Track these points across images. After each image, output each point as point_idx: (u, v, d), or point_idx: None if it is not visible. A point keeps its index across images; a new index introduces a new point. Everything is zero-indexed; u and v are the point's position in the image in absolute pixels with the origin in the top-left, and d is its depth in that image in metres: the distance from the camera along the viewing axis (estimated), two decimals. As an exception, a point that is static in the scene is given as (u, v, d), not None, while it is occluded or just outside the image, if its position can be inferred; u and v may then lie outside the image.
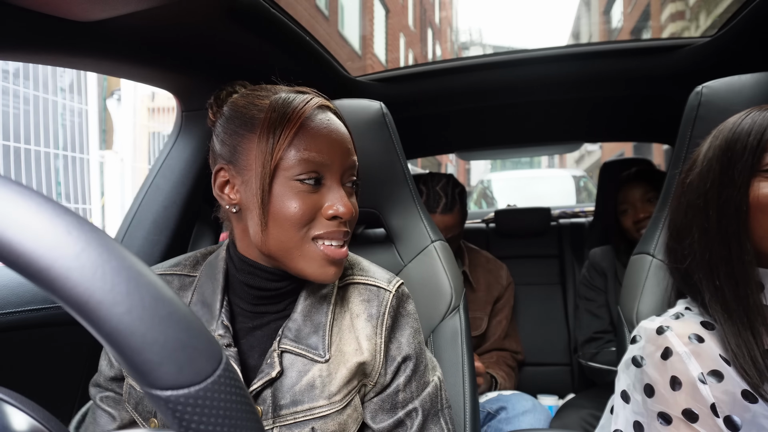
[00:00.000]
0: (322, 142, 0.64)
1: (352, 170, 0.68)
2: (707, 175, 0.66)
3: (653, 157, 9.37)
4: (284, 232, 0.63)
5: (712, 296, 0.63)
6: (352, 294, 0.73)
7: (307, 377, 0.66)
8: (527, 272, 2.07)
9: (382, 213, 1.04)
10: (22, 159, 3.10)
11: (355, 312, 0.72)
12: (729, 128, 0.66)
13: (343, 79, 1.37)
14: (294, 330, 0.68)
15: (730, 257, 0.62)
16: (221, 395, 0.26)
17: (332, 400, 0.66)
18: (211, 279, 0.72)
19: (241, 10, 0.89)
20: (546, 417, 1.40)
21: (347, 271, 0.76)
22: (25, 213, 0.23)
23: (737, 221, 0.62)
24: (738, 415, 0.54)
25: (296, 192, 0.62)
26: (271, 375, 0.65)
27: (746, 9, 1.04)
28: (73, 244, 0.24)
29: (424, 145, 2.22)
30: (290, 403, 0.65)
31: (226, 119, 0.68)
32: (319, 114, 0.66)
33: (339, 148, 0.65)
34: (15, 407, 0.31)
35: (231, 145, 0.66)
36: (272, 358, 0.66)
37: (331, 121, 0.67)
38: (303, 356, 0.67)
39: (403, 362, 0.71)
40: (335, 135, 0.66)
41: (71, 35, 0.79)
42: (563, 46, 1.43)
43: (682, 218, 0.69)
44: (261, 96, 0.67)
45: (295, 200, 0.62)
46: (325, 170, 0.64)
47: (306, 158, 0.62)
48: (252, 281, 0.68)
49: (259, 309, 0.70)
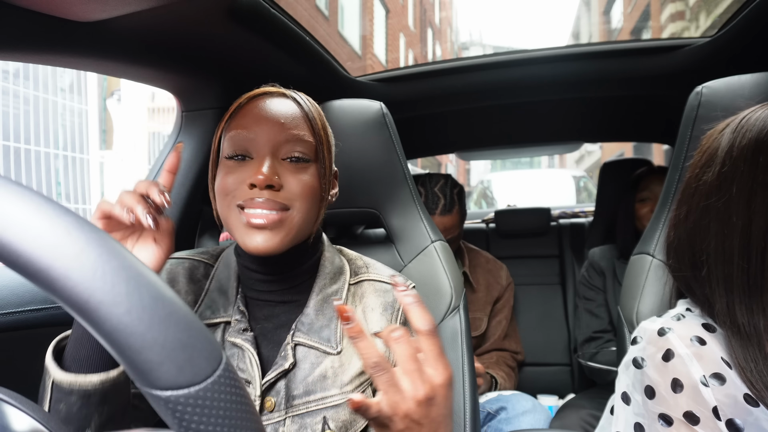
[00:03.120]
0: (249, 120, 0.68)
1: (292, 145, 0.68)
2: (731, 177, 0.59)
3: (653, 157, 9.36)
4: (219, 205, 0.69)
5: (722, 307, 0.60)
6: (367, 290, 0.76)
7: (320, 368, 0.68)
8: (527, 272, 2.07)
9: (382, 213, 1.04)
10: (22, 159, 3.10)
11: (369, 305, 0.74)
12: (758, 127, 0.59)
13: (343, 79, 1.37)
14: (307, 324, 0.71)
15: (749, 269, 0.57)
16: (221, 395, 0.26)
17: (344, 390, 0.68)
18: (226, 267, 0.76)
19: (241, 10, 0.89)
20: (546, 417, 1.40)
21: (361, 269, 0.79)
22: (25, 213, 0.23)
23: (765, 233, 0.56)
24: (740, 418, 0.54)
25: (225, 167, 0.68)
26: (284, 366, 0.67)
27: (746, 9, 1.04)
28: (73, 244, 0.24)
29: (424, 145, 2.22)
30: (303, 393, 0.67)
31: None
32: (257, 100, 0.70)
33: (268, 123, 0.67)
34: (15, 407, 0.31)
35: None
36: (286, 351, 0.68)
37: (267, 103, 0.69)
38: (316, 348, 0.70)
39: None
40: (265, 113, 0.68)
41: (71, 35, 0.79)
42: (563, 46, 1.43)
43: (696, 220, 0.63)
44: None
45: (223, 174, 0.68)
46: (251, 145, 0.67)
47: (232, 136, 0.68)
48: (246, 263, 0.73)
49: (266, 297, 0.73)
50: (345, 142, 0.97)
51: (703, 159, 0.65)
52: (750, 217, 0.57)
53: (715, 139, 0.65)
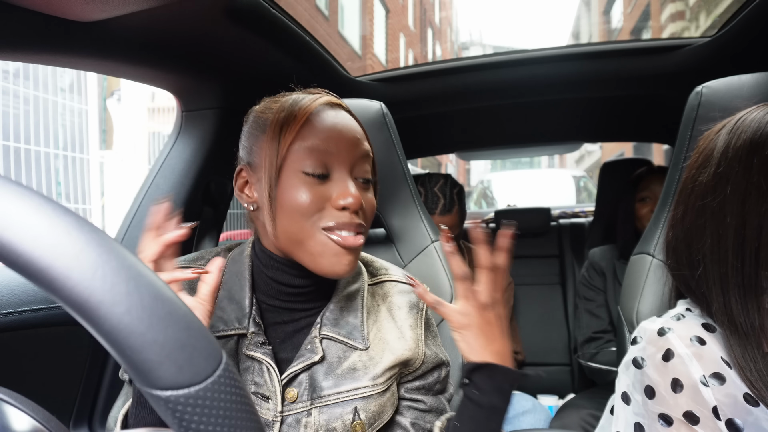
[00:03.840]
0: (328, 132, 0.65)
1: (364, 163, 0.68)
2: (726, 177, 0.60)
3: (653, 157, 9.36)
4: (294, 224, 0.63)
5: (719, 306, 0.60)
6: (390, 290, 0.76)
7: (348, 362, 0.69)
8: (527, 272, 2.07)
9: (382, 213, 1.04)
10: (22, 159, 3.10)
11: (395, 304, 0.75)
12: (752, 128, 0.60)
13: (343, 79, 1.37)
14: (332, 319, 0.71)
15: (743, 268, 0.58)
16: (221, 395, 0.26)
17: (376, 382, 0.68)
18: (237, 276, 0.73)
19: (241, 10, 0.89)
20: (546, 417, 1.40)
21: (380, 271, 0.79)
22: (25, 213, 0.23)
23: (759, 233, 0.57)
24: (740, 418, 0.54)
25: (303, 183, 0.63)
26: (313, 359, 0.67)
27: (746, 9, 1.04)
28: (73, 244, 0.24)
29: (424, 145, 2.23)
30: (333, 385, 0.67)
31: (248, 125, 0.71)
32: (327, 110, 0.67)
33: (346, 139, 0.65)
34: (15, 407, 0.31)
35: (248, 146, 0.69)
36: (314, 344, 0.68)
37: (339, 114, 0.67)
38: (343, 343, 0.70)
39: (440, 359, 0.76)
40: (342, 126, 0.66)
41: (71, 35, 0.79)
42: (563, 46, 1.43)
43: (692, 220, 0.64)
44: (276, 100, 0.70)
45: (301, 190, 0.63)
46: (331, 160, 0.65)
47: (310, 147, 0.63)
48: (279, 277, 0.70)
49: (289, 305, 0.71)
50: (345, 142, 0.97)
51: (700, 160, 0.66)
52: (744, 217, 0.58)
53: (711, 140, 0.65)
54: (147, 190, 1.16)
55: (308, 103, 0.66)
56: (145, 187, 1.17)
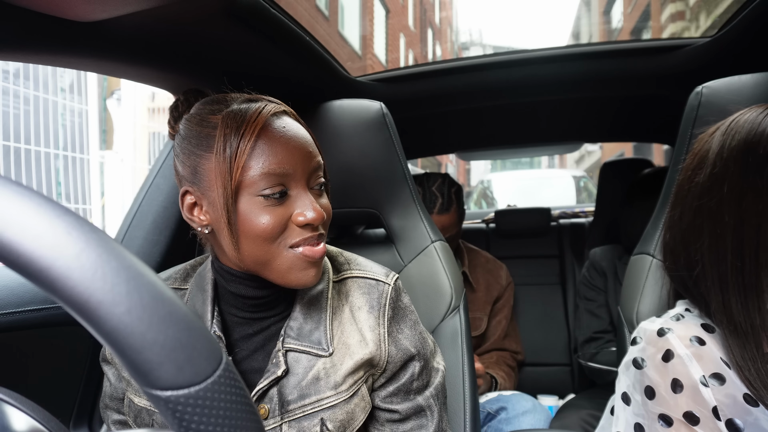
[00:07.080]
0: (281, 151, 0.62)
1: (317, 172, 0.66)
2: (722, 177, 0.61)
3: (653, 157, 9.36)
4: (259, 248, 0.62)
5: (718, 306, 0.60)
6: (351, 288, 0.75)
7: (313, 372, 0.68)
8: (527, 272, 2.07)
9: (382, 213, 1.04)
10: (22, 159, 3.10)
11: (356, 304, 0.73)
12: (746, 129, 0.61)
13: (343, 80, 1.37)
14: (296, 329, 0.69)
15: (743, 268, 0.58)
16: (221, 395, 0.26)
17: (338, 390, 0.68)
18: (201, 290, 0.72)
19: (241, 10, 0.89)
20: (546, 417, 1.40)
21: (343, 266, 0.77)
22: (25, 213, 0.23)
23: (757, 231, 0.57)
24: (740, 418, 0.54)
25: (263, 207, 0.61)
26: (277, 374, 0.67)
27: (746, 9, 1.03)
28: (73, 244, 0.24)
29: (424, 145, 2.22)
30: (298, 398, 0.67)
31: (182, 138, 0.66)
32: (274, 122, 0.63)
33: (300, 154, 0.63)
34: (15, 407, 0.31)
35: (191, 166, 0.64)
36: (277, 358, 0.68)
37: (288, 126, 0.64)
38: (307, 353, 0.69)
39: (410, 353, 0.73)
40: (294, 142, 0.63)
41: (71, 35, 0.79)
42: (563, 47, 1.43)
43: (690, 221, 0.65)
44: (213, 110, 0.65)
45: (263, 215, 0.61)
46: (288, 180, 0.63)
47: (267, 172, 0.60)
48: (243, 291, 0.68)
49: (256, 315, 0.71)
50: (345, 142, 0.97)
51: (695, 161, 0.66)
52: (741, 216, 0.58)
53: (706, 142, 0.66)
54: (147, 190, 1.16)
55: (254, 117, 0.62)
56: (145, 187, 1.17)
